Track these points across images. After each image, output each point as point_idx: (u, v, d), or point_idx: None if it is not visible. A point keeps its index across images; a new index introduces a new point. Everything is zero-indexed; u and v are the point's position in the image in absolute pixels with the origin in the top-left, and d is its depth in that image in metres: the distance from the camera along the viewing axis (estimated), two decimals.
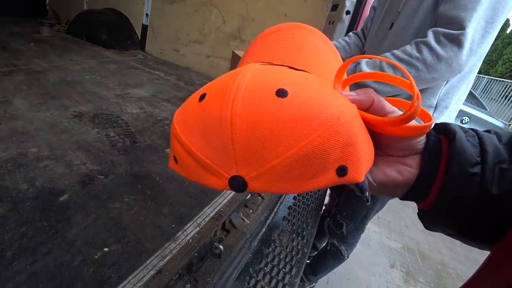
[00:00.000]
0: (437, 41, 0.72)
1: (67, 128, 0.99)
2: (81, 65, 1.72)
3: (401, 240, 2.27)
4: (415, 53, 0.74)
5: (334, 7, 1.30)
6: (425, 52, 0.73)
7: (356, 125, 0.21)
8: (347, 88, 0.30)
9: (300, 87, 0.20)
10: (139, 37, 2.49)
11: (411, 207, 2.78)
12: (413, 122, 0.24)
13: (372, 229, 2.26)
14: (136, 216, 0.67)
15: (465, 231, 0.26)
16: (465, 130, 0.27)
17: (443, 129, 0.28)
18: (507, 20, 11.89)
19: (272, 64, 0.27)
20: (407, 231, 2.40)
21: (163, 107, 1.33)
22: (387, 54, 0.79)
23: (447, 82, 0.84)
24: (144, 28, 2.44)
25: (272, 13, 1.68)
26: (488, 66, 12.03)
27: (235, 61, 1.48)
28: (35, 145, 0.86)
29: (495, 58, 11.72)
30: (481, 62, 0.86)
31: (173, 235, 0.64)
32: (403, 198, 0.29)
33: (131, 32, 2.50)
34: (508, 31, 11.92)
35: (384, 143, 0.28)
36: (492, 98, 7.88)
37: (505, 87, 7.28)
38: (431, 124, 0.26)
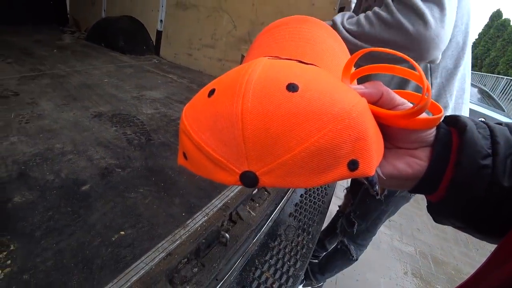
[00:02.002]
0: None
1: (88, 127, 1.06)
2: (100, 70, 1.82)
3: (413, 243, 2.24)
4: (376, 10, 0.64)
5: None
6: (382, 9, 0.63)
7: (366, 119, 0.21)
8: (355, 81, 0.29)
9: (311, 81, 0.20)
10: (154, 43, 2.58)
11: (424, 210, 2.73)
12: (423, 115, 0.24)
13: (383, 231, 2.23)
14: (150, 205, 0.72)
15: (474, 223, 0.26)
16: (475, 122, 0.27)
17: (454, 121, 0.27)
18: None
19: (280, 58, 0.26)
20: (420, 235, 2.36)
21: (176, 108, 1.40)
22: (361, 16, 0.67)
23: (431, 85, 0.80)
24: (159, 33, 2.53)
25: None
26: (508, 67, 11.60)
27: None
28: (60, 142, 0.93)
29: None
30: (466, 56, 0.79)
31: (183, 222, 0.68)
32: (412, 190, 0.29)
33: (147, 38, 2.60)
34: None
35: (393, 135, 0.27)
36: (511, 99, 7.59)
37: None
38: (441, 116, 0.26)
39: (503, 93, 8.11)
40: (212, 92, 0.22)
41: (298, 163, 0.19)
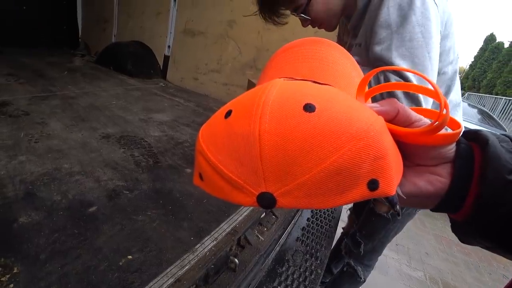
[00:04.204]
0: None
1: (96, 148, 1.07)
2: (108, 92, 1.85)
3: (422, 268, 2.15)
4: None
5: None
6: None
7: (385, 138, 0.20)
8: (369, 100, 0.30)
9: (327, 101, 0.20)
10: (161, 67, 2.66)
11: (432, 234, 2.66)
12: (442, 130, 0.24)
13: (390, 256, 2.16)
14: (158, 228, 0.71)
15: (505, 242, 0.24)
16: (497, 136, 0.26)
17: (474, 136, 0.27)
18: None
19: (295, 79, 0.27)
20: (429, 259, 2.28)
21: (183, 130, 1.41)
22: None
23: None
24: (166, 58, 2.62)
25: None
26: (505, 87, 11.81)
27: (250, 89, 1.56)
28: (68, 162, 0.93)
29: None
30: (456, 83, 0.82)
31: (191, 247, 0.66)
32: (435, 209, 0.27)
33: (154, 62, 2.68)
34: None
35: (412, 153, 0.27)
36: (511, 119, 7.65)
37: None
38: (460, 131, 0.25)
39: (502, 113, 8.18)
40: (229, 113, 0.22)
41: (317, 183, 0.18)
